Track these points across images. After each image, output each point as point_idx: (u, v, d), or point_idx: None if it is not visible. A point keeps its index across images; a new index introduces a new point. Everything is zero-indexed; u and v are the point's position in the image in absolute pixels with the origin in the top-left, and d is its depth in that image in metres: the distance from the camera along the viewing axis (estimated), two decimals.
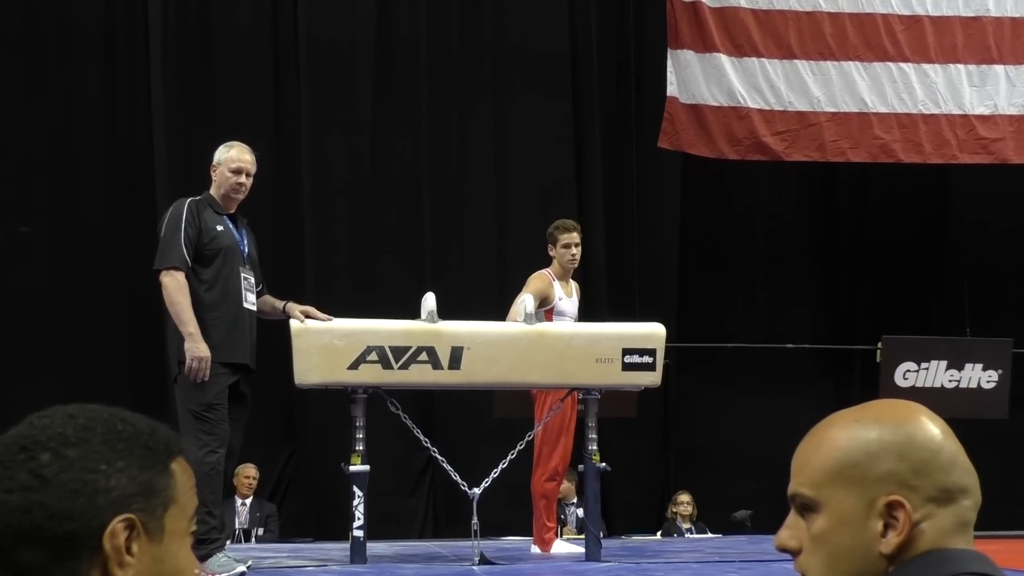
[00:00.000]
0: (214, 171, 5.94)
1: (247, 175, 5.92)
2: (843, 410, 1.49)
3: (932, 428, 1.44)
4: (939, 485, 1.41)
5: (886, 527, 1.40)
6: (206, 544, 5.54)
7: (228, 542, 8.86)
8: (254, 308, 5.93)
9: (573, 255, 7.29)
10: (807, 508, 1.44)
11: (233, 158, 5.92)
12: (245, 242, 5.96)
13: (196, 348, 5.63)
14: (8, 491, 1.21)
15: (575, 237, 7.33)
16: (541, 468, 7.19)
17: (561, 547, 7.25)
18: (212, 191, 5.93)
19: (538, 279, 7.21)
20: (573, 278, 7.47)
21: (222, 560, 5.59)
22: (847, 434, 1.44)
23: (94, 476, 1.23)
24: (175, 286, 5.69)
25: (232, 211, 5.94)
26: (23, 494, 1.21)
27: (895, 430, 1.43)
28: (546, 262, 7.37)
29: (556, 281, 7.24)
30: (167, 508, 1.27)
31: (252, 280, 5.92)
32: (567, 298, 7.27)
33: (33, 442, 1.24)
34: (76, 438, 1.24)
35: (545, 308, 7.13)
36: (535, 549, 7.24)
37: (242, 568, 5.63)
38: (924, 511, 1.40)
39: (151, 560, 1.25)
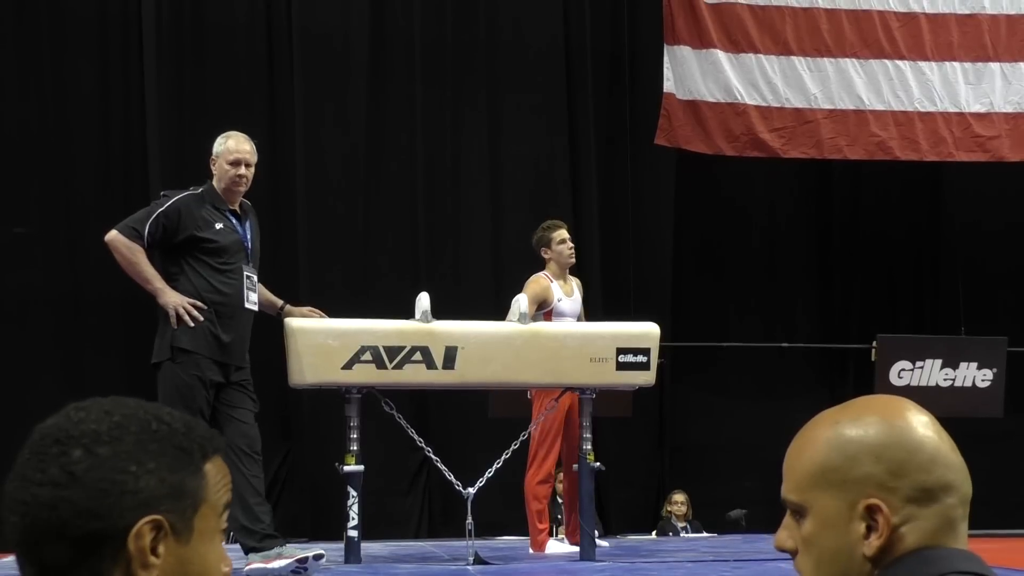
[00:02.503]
0: (213, 164, 5.76)
1: (247, 166, 5.73)
2: (828, 410, 1.48)
3: (910, 426, 1.42)
4: (918, 485, 1.39)
5: (869, 529, 1.40)
6: None
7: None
8: (255, 308, 5.82)
9: (571, 248, 7.32)
10: (796, 512, 1.44)
11: (231, 149, 5.72)
12: (249, 237, 5.80)
13: (170, 297, 5.51)
14: (39, 484, 1.22)
15: (566, 233, 7.36)
16: (534, 469, 7.20)
17: (556, 547, 7.25)
18: (214, 183, 5.75)
19: (534, 283, 7.20)
20: (572, 274, 7.48)
21: None
22: (827, 436, 1.44)
23: (123, 476, 1.23)
24: (126, 245, 5.55)
25: (235, 205, 5.76)
26: (52, 489, 1.21)
27: (872, 431, 1.42)
28: (540, 263, 7.35)
29: (554, 282, 7.23)
30: (197, 509, 1.27)
31: (255, 278, 5.80)
32: (567, 298, 7.26)
33: (67, 436, 1.24)
34: (109, 436, 1.24)
35: (544, 311, 7.14)
36: (532, 549, 7.25)
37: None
38: (905, 512, 1.38)
39: (176, 561, 1.25)
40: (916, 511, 1.39)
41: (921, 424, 1.43)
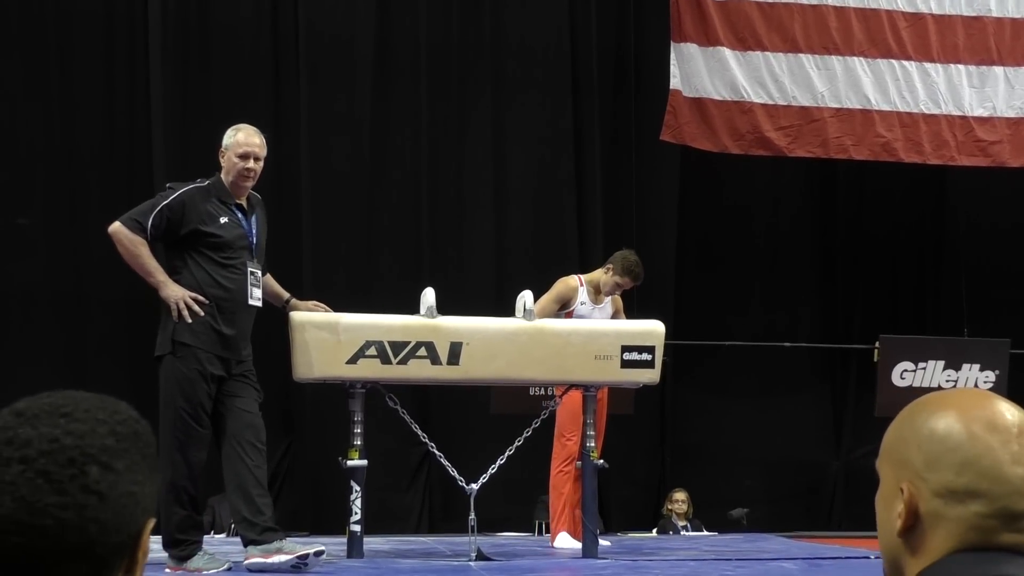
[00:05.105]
0: (222, 156, 5.74)
1: (255, 159, 5.70)
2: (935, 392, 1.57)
3: (962, 426, 1.44)
4: (945, 483, 1.41)
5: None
6: (186, 544, 5.51)
7: (224, 536, 8.87)
8: (259, 304, 5.80)
9: (612, 292, 7.38)
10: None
11: (241, 142, 5.70)
12: (254, 232, 5.77)
13: (171, 291, 5.50)
14: (63, 508, 1.18)
15: (628, 285, 7.40)
16: (556, 461, 7.29)
17: (564, 541, 7.25)
18: (222, 176, 5.73)
19: (560, 283, 7.37)
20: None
21: (206, 558, 5.56)
22: (902, 416, 1.51)
23: (137, 488, 1.23)
24: (129, 238, 5.53)
25: (242, 198, 5.74)
26: (78, 511, 1.19)
27: (929, 421, 1.46)
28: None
29: (584, 287, 7.35)
30: None
31: (259, 274, 5.78)
32: (592, 304, 7.34)
33: (81, 454, 1.21)
34: (119, 448, 1.24)
35: (566, 311, 7.24)
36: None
37: (228, 566, 5.61)
38: (932, 505, 1.41)
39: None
40: (943, 508, 1.41)
41: (979, 426, 1.44)
